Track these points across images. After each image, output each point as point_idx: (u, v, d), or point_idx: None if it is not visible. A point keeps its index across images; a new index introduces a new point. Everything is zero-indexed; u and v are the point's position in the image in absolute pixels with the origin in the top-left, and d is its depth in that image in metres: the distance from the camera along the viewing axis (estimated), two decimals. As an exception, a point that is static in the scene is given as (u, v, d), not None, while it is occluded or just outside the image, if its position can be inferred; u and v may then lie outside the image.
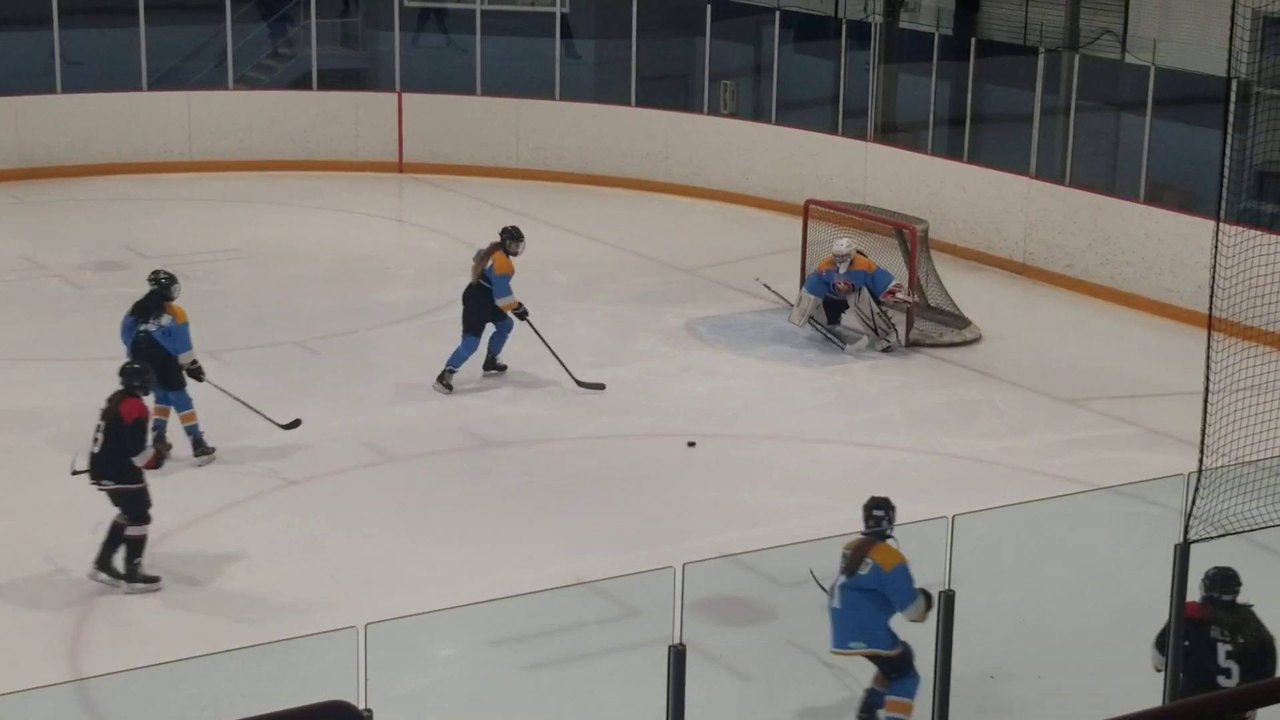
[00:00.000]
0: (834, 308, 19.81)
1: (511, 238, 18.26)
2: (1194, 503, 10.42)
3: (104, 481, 13.43)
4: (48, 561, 13.91)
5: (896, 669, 11.05)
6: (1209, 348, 10.86)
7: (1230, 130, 19.14)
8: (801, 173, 25.39)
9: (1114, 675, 11.91)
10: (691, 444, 16.55)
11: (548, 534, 14.59)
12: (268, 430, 16.56)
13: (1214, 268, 11.00)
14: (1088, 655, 11.80)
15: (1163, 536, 10.54)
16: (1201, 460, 10.66)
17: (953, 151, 24.51)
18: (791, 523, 14.58)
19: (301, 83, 28.49)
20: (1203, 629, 10.42)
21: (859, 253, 19.65)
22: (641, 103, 27.41)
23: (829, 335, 19.72)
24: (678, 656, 8.88)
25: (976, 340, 19.94)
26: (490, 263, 18.07)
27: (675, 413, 17.62)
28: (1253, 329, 14.03)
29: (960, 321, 20.13)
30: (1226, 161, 14.38)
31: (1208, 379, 10.81)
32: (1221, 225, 11.19)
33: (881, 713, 11.17)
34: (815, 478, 16.07)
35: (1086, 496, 13.77)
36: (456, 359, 17.93)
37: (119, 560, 13.40)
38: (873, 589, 10.99)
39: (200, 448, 15.96)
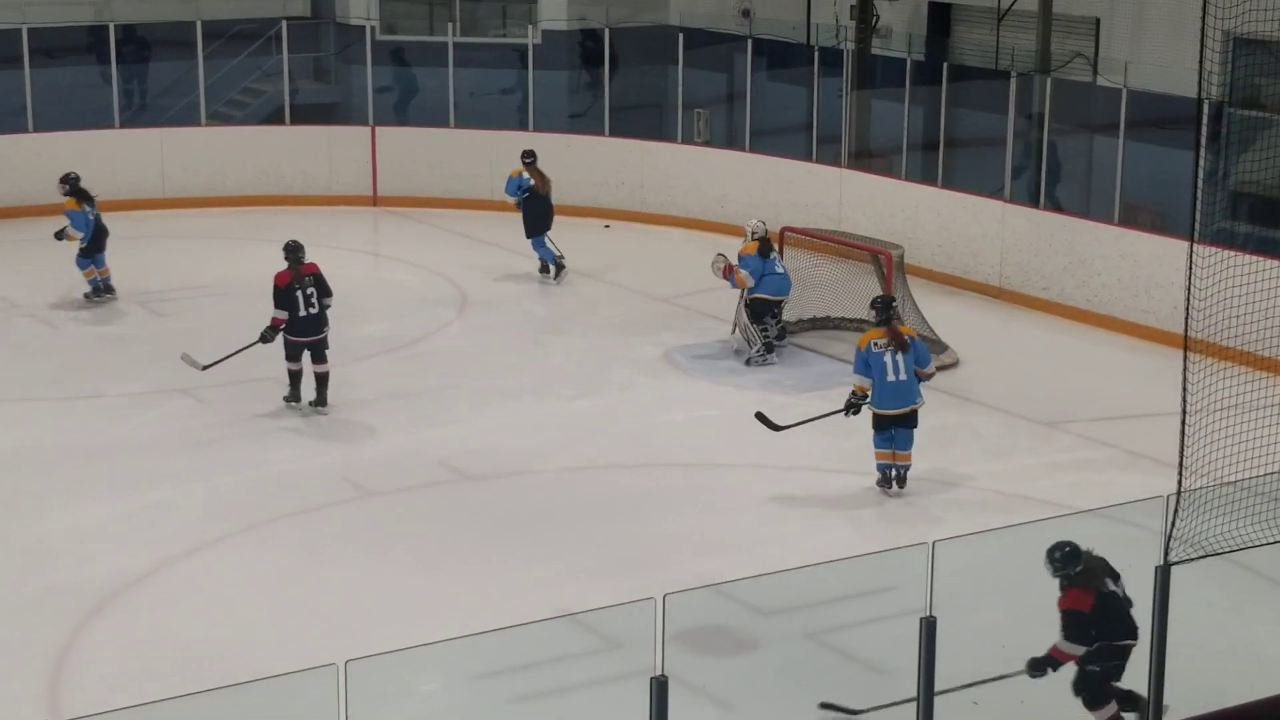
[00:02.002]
0: (761, 308, 20.05)
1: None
2: (1174, 524, 10.41)
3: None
4: (25, 600, 13.83)
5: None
6: (1185, 368, 10.87)
7: (1202, 151, 19.19)
8: (777, 200, 25.41)
9: (1097, 698, 11.90)
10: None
11: (528, 566, 14.54)
12: (246, 466, 16.52)
13: (1189, 288, 11.01)
14: (1070, 679, 11.75)
15: (1144, 558, 10.53)
16: (1180, 482, 10.66)
17: (927, 176, 24.55)
18: (772, 550, 14.54)
19: (274, 117, 28.48)
20: (1111, 603, 10.79)
21: (758, 238, 19.90)
22: (615, 132, 27.42)
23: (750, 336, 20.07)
24: (660, 688, 8.84)
25: (954, 365, 19.95)
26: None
27: (654, 442, 17.58)
28: (1229, 349, 14.02)
29: (937, 346, 20.12)
30: (1199, 182, 14.43)
31: (1185, 400, 10.81)
32: (1196, 246, 11.20)
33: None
34: (795, 505, 16.04)
35: (1066, 520, 13.73)
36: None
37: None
38: (911, 356, 15.89)
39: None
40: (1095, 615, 10.82)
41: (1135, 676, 10.78)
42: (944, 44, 26.55)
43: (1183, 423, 10.77)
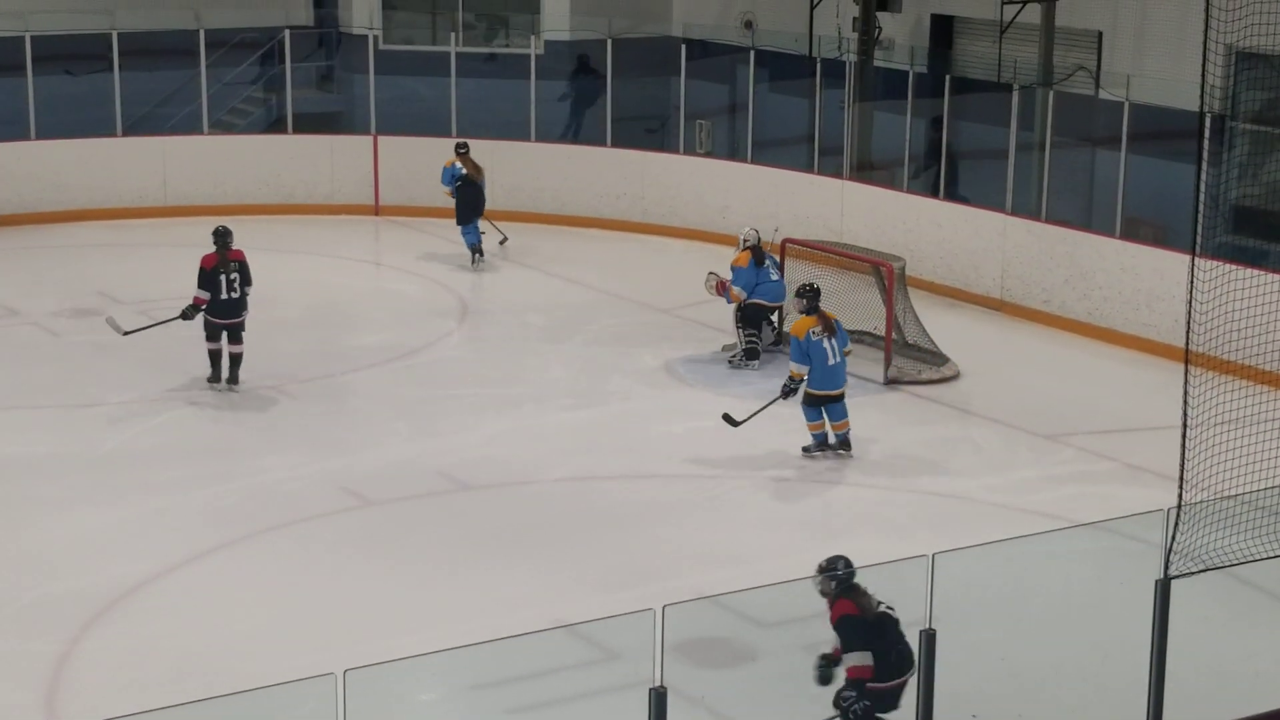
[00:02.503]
0: (755, 314, 20.27)
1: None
2: (1174, 538, 10.39)
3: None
4: (24, 608, 13.82)
5: None
6: (1186, 382, 10.86)
7: (1205, 165, 19.20)
8: (778, 211, 25.39)
9: (1096, 712, 11.89)
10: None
11: (527, 577, 14.52)
12: (245, 475, 16.53)
13: (1190, 302, 11.00)
14: (1070, 692, 11.76)
15: (1143, 572, 10.51)
16: (1181, 495, 10.64)
17: (929, 189, 24.55)
18: (771, 562, 14.52)
19: (277, 126, 28.49)
20: (883, 622, 10.80)
21: (749, 247, 20.10)
22: (617, 143, 27.43)
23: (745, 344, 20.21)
24: (659, 699, 8.82)
25: (955, 377, 19.93)
26: None
27: (654, 453, 17.57)
28: (1230, 363, 14.02)
29: (938, 359, 20.12)
30: (1201, 196, 14.42)
31: (1186, 413, 10.80)
32: (1197, 260, 11.19)
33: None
34: (794, 517, 16.03)
35: (1066, 533, 13.73)
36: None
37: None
38: (839, 340, 17.14)
39: None
40: (875, 625, 10.83)
41: (1134, 687, 10.75)
42: (946, 56, 26.55)
43: (1183, 436, 10.76)
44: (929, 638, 9.91)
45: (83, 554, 14.89)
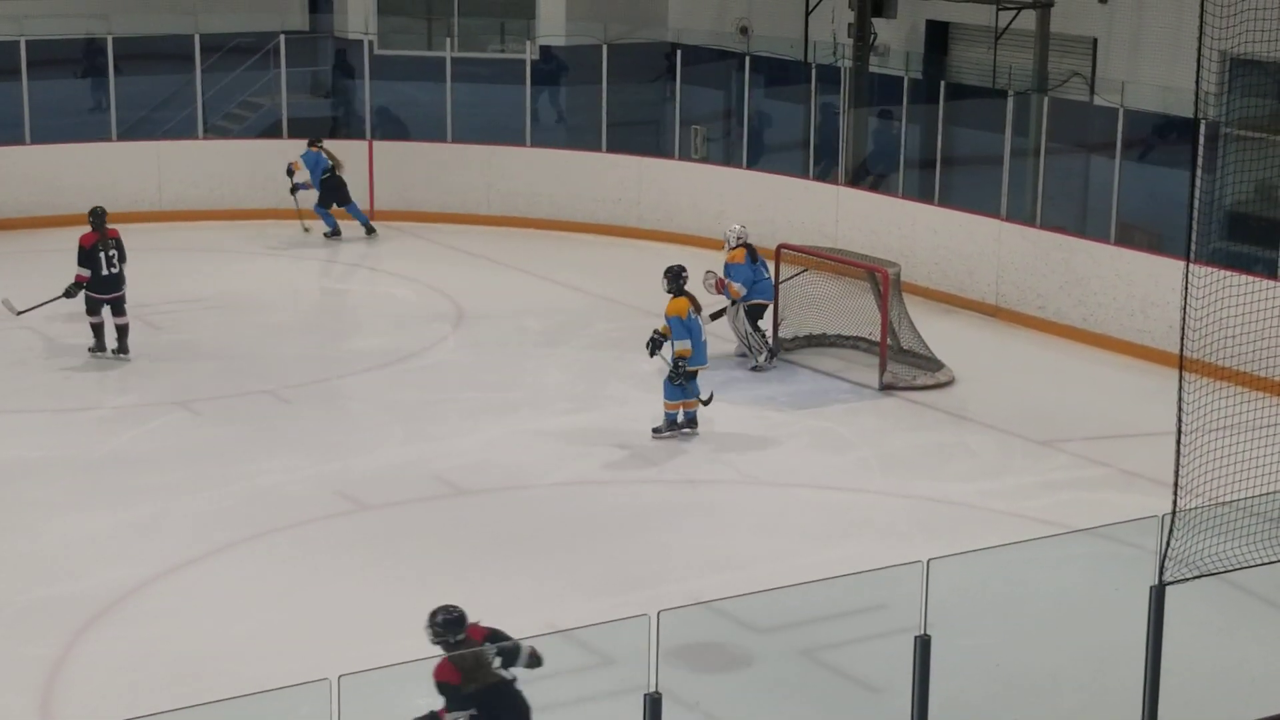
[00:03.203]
0: (757, 314, 20.42)
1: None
2: (1169, 544, 10.40)
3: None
4: (19, 613, 13.81)
5: None
6: (1181, 388, 10.87)
7: (1199, 171, 19.25)
8: (774, 217, 25.42)
9: (1091, 718, 11.89)
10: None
11: (522, 581, 14.53)
12: (241, 479, 16.53)
13: (1185, 308, 11.01)
14: (1065, 699, 11.77)
15: (1138, 578, 10.52)
16: (1175, 501, 10.65)
17: (924, 194, 24.57)
18: (766, 567, 14.54)
19: (272, 131, 28.47)
20: (503, 694, 10.10)
21: (743, 244, 20.16)
22: (612, 148, 27.44)
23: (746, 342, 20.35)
24: (653, 705, 8.83)
25: (950, 383, 19.94)
26: None
27: (649, 458, 17.58)
28: (1224, 369, 14.04)
29: (933, 364, 20.14)
30: (1196, 202, 14.45)
31: (1180, 419, 10.80)
32: (1192, 266, 11.20)
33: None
34: (790, 522, 16.03)
35: (1061, 539, 13.74)
36: None
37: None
38: None
39: None
40: (475, 696, 10.02)
41: (1129, 693, 10.77)
42: (941, 62, 26.58)
43: (1178, 442, 10.76)
44: (924, 643, 9.91)
45: (78, 558, 14.89)
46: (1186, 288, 10.94)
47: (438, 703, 10.04)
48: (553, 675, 11.77)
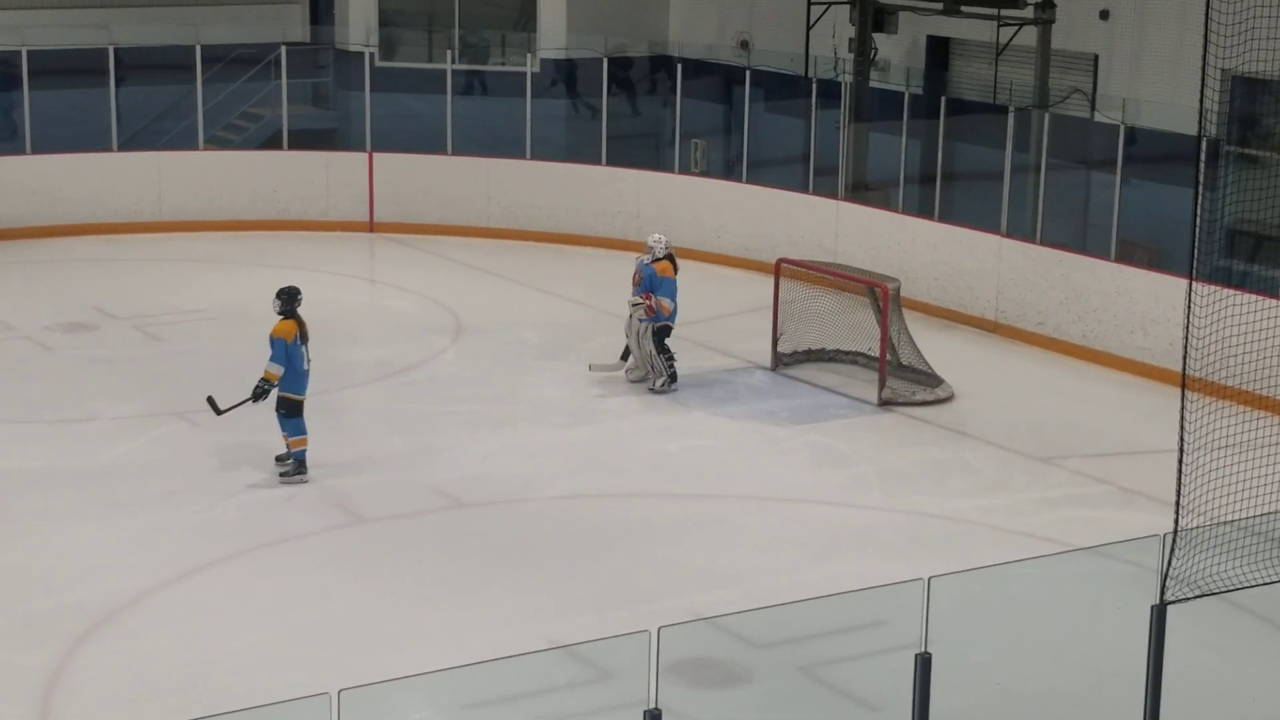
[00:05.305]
0: (665, 334, 19.83)
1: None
2: (1170, 563, 10.38)
3: None
4: (17, 622, 13.79)
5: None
6: (1183, 406, 10.85)
7: (1201, 188, 19.25)
8: (773, 231, 25.42)
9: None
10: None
11: (521, 596, 14.50)
12: (239, 490, 16.51)
13: (1187, 326, 11.00)
14: (1064, 717, 11.74)
15: (1139, 597, 10.50)
16: (1177, 520, 10.63)
17: (924, 210, 24.57)
18: (765, 583, 14.52)
19: (272, 143, 28.49)
20: None
21: (667, 257, 19.64)
22: (612, 161, 27.44)
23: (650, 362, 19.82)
24: (653, 720, 8.80)
25: (949, 399, 19.93)
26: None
27: (648, 472, 17.56)
28: (1226, 387, 14.03)
29: (933, 380, 20.12)
30: (1198, 220, 14.45)
31: (1182, 438, 10.79)
32: (1194, 284, 11.20)
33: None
34: (789, 537, 16.01)
35: (1062, 557, 13.73)
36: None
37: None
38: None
39: None
40: None
41: (1129, 712, 10.75)
42: (942, 78, 26.59)
43: (1180, 460, 10.75)
44: (924, 661, 9.89)
45: (76, 568, 14.86)
46: (1189, 305, 10.94)
47: (437, 712, 10.01)
48: (552, 690, 11.76)
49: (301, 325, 17.09)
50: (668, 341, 19.83)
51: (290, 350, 16.92)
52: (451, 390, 20.14)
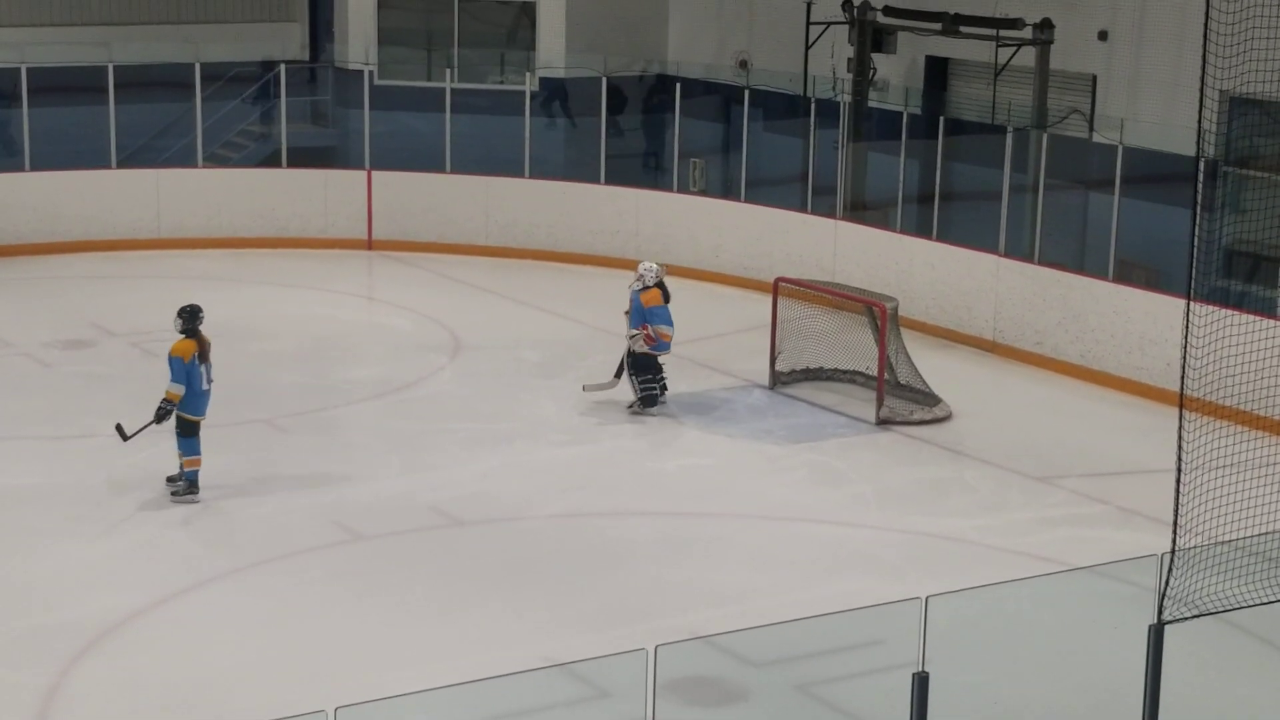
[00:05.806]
0: (648, 361, 19.63)
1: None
2: (1167, 583, 10.38)
3: None
4: (13, 640, 13.77)
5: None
6: (1181, 426, 10.85)
7: (1199, 209, 19.26)
8: (771, 250, 25.44)
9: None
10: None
11: (518, 614, 14.49)
12: (236, 508, 16.50)
13: (1185, 346, 11.01)
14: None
15: (1137, 617, 10.50)
16: (1175, 540, 10.63)
17: (922, 229, 24.59)
18: (763, 601, 14.51)
19: (271, 160, 28.50)
20: None
21: (658, 285, 19.49)
22: (611, 180, 27.46)
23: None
24: (651, 739, 8.79)
25: (947, 418, 19.93)
26: None
27: (646, 491, 17.55)
28: (1223, 407, 14.03)
29: (931, 399, 20.13)
30: (1196, 240, 14.45)
31: (1180, 458, 10.79)
32: (1192, 304, 11.20)
33: None
34: (787, 556, 16.01)
35: (1060, 576, 13.72)
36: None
37: None
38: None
39: None
40: None
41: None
42: (940, 98, 26.62)
43: (1178, 480, 10.75)
44: (921, 680, 9.88)
45: (72, 586, 14.85)
46: (1187, 326, 10.94)
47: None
48: (549, 708, 11.74)
49: (202, 344, 16.86)
50: (660, 360, 19.73)
51: (189, 370, 16.67)
52: (449, 408, 20.13)
